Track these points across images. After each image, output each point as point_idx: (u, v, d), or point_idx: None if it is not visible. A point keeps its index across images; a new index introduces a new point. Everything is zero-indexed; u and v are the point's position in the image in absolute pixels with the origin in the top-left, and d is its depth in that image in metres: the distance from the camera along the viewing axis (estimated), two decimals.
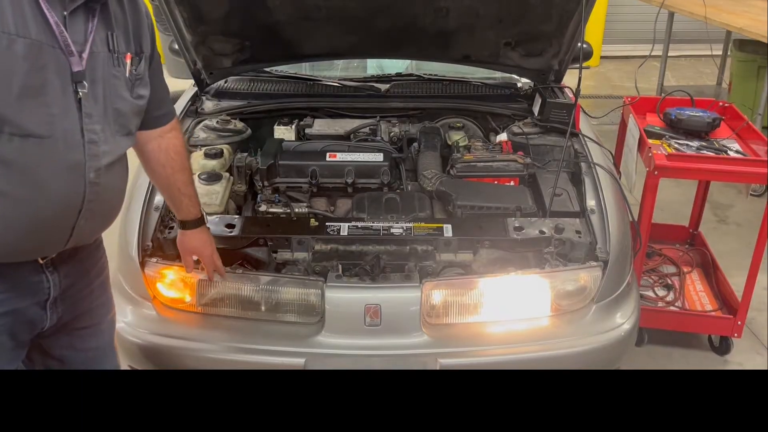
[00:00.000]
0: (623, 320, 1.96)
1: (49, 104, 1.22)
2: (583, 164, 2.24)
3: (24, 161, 1.21)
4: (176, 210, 1.75)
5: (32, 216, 1.26)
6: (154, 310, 1.91)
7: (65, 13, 1.23)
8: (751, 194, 3.85)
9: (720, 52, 5.15)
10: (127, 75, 1.37)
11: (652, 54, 3.71)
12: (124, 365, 2.02)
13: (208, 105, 2.64)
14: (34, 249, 1.33)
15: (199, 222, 1.77)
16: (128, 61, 1.36)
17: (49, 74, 1.21)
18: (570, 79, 2.70)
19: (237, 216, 2.08)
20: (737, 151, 2.44)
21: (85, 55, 1.26)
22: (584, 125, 2.48)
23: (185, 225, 1.76)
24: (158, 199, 2.04)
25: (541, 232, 1.99)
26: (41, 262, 1.37)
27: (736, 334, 2.51)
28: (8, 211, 1.23)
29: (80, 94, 1.26)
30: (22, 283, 1.34)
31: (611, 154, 2.49)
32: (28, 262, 1.34)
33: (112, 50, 1.33)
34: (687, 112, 2.57)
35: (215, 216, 2.03)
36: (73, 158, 1.27)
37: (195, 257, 1.80)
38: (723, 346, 2.61)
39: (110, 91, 1.33)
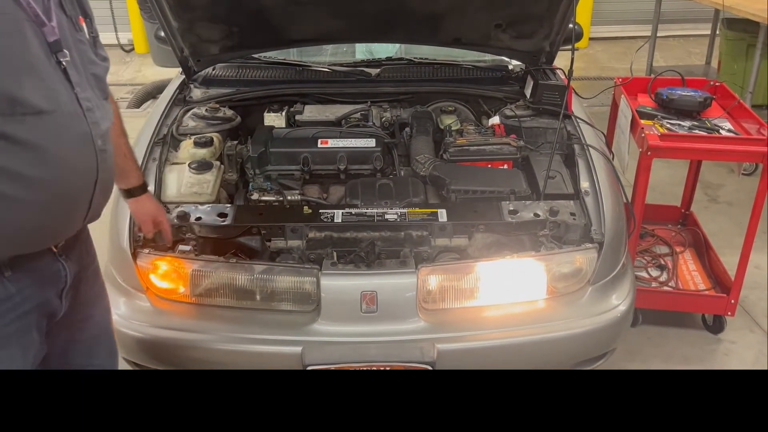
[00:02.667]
0: (619, 301, 1.97)
1: (45, 78, 1.18)
2: (576, 146, 2.24)
3: (39, 139, 1.16)
4: (125, 177, 1.70)
5: (56, 194, 1.22)
6: (148, 301, 1.90)
7: None
8: (742, 174, 3.86)
9: (708, 32, 5.15)
10: (87, 38, 1.33)
11: (641, 36, 3.70)
12: (119, 358, 2.01)
13: (197, 93, 2.61)
14: (57, 231, 1.29)
15: (146, 186, 1.77)
16: (83, 25, 1.32)
17: (34, 48, 1.17)
18: (560, 60, 2.68)
19: (229, 205, 2.06)
20: (729, 130, 2.44)
21: (54, 24, 1.22)
22: (576, 107, 2.46)
23: (136, 191, 1.73)
24: (149, 189, 2.01)
25: (536, 215, 1.98)
26: (55, 250, 1.33)
27: (729, 313, 2.52)
28: (32, 195, 1.18)
29: (63, 63, 1.22)
30: (44, 273, 1.31)
31: (603, 135, 2.48)
32: (45, 251, 1.30)
33: (69, 15, 1.28)
34: (678, 92, 2.56)
35: (207, 205, 2.00)
36: (81, 129, 1.24)
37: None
38: (716, 325, 2.63)
39: (83, 57, 1.30)
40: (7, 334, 1.26)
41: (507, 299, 1.92)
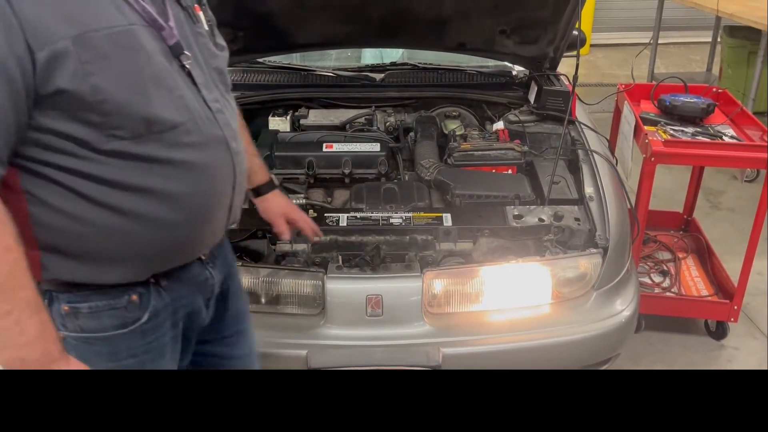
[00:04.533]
0: (623, 307, 1.97)
1: (171, 87, 1.10)
2: (580, 151, 2.24)
3: (179, 154, 1.11)
4: (252, 175, 1.56)
5: (201, 205, 1.17)
6: None
7: None
8: (745, 180, 3.87)
9: (709, 39, 5.17)
10: (206, 28, 1.23)
11: (642, 42, 3.73)
12: None
13: None
14: (205, 241, 1.24)
15: (273, 182, 1.66)
16: (199, 14, 1.22)
17: (156, 57, 1.08)
18: (563, 67, 2.69)
19: None
20: (732, 137, 2.45)
21: (172, 23, 1.12)
22: (580, 113, 2.47)
23: (264, 188, 1.63)
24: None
25: (541, 219, 1.99)
26: (203, 258, 1.29)
27: (732, 319, 2.53)
28: (178, 210, 1.14)
29: (187, 66, 1.13)
30: (195, 282, 1.27)
31: (607, 140, 2.49)
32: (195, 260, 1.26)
33: (185, 7, 1.19)
34: (681, 99, 2.57)
35: None
36: (215, 134, 1.17)
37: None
38: (719, 331, 2.63)
39: (204, 52, 1.20)
40: (164, 343, 1.24)
41: (512, 304, 1.92)
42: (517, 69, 2.82)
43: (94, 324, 1.15)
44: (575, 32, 2.38)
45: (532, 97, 2.54)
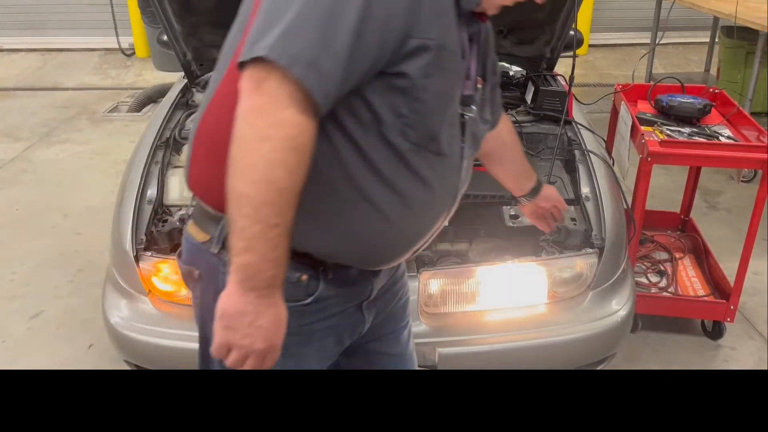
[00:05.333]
0: (619, 307, 1.97)
1: (452, 126, 1.20)
2: (576, 152, 2.25)
3: (430, 175, 1.17)
4: (528, 177, 1.68)
5: (419, 224, 1.23)
6: (150, 304, 1.90)
7: (464, 34, 1.18)
8: (741, 180, 3.88)
9: (707, 39, 5.17)
10: (484, 98, 1.33)
11: (640, 42, 3.73)
12: (119, 360, 2.01)
13: (199, 97, 2.62)
14: (403, 255, 1.28)
15: (540, 182, 1.74)
16: (480, 86, 1.31)
17: (457, 97, 1.20)
18: (560, 67, 2.70)
19: None
20: (728, 137, 2.45)
21: (472, 80, 1.23)
22: (577, 113, 2.48)
23: (538, 185, 1.71)
24: (151, 192, 2.02)
25: None
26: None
27: (728, 319, 2.53)
28: (407, 217, 1.19)
29: (466, 117, 1.23)
30: (355, 285, 1.28)
31: (604, 141, 2.49)
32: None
33: (480, 75, 1.29)
34: (678, 99, 2.57)
35: None
36: (454, 180, 1.25)
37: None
38: (716, 331, 2.63)
39: (476, 117, 1.29)
40: (312, 331, 1.24)
41: (508, 304, 1.93)
42: (514, 69, 2.83)
43: None
44: (572, 32, 2.39)
45: (528, 98, 2.54)
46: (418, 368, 1.76)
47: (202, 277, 1.22)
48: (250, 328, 1.04)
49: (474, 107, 1.24)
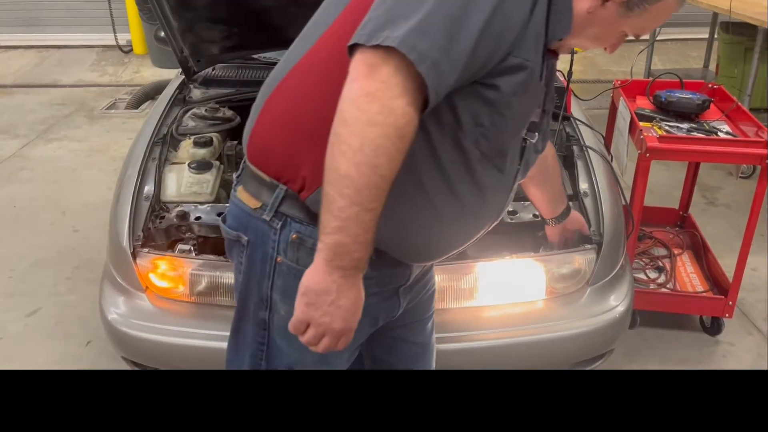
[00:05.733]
0: (617, 302, 1.97)
1: (516, 147, 1.24)
2: (575, 147, 2.24)
3: (486, 187, 1.21)
4: (561, 200, 1.76)
5: (471, 231, 1.28)
6: (147, 300, 1.90)
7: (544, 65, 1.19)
8: (740, 176, 3.88)
9: (706, 35, 5.16)
10: (544, 128, 1.37)
11: (640, 38, 3.70)
12: (117, 357, 2.01)
13: (196, 93, 2.61)
14: (447, 253, 1.31)
15: (569, 207, 1.83)
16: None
17: (530, 119, 1.23)
18: (560, 63, 2.68)
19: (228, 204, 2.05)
20: (727, 133, 2.45)
21: (542, 106, 1.26)
22: (575, 109, 2.47)
23: (567, 209, 1.79)
24: (148, 188, 2.02)
25: (535, 216, 1.99)
26: None
27: (727, 315, 2.53)
28: (460, 220, 1.23)
29: (527, 143, 1.26)
30: (396, 269, 1.29)
31: (602, 137, 2.49)
32: None
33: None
34: (677, 95, 2.57)
35: (207, 205, 2.01)
36: (503, 197, 1.29)
37: None
38: (714, 327, 2.63)
39: (535, 143, 1.33)
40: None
41: (506, 300, 1.92)
42: None
43: (310, 260, 1.14)
44: None
45: None
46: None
47: (250, 244, 1.23)
48: (331, 306, 1.07)
49: (537, 134, 1.27)
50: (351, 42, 1.00)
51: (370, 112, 0.97)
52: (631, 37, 1.24)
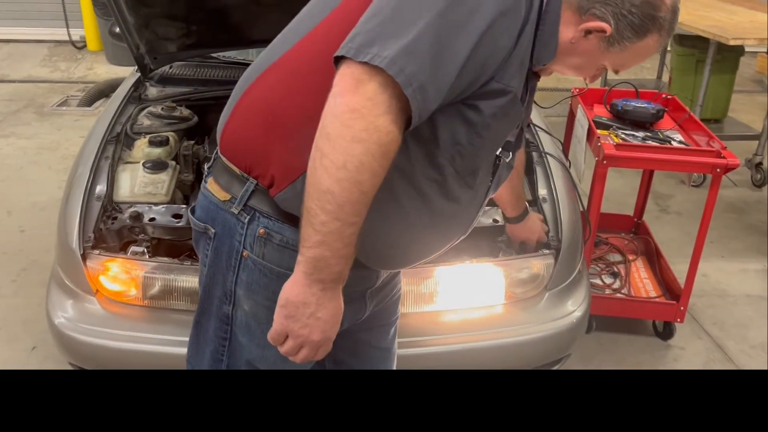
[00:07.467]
0: (575, 307, 1.99)
1: (488, 167, 1.25)
2: (534, 153, 2.26)
3: (458, 202, 1.22)
4: (520, 201, 1.85)
5: (441, 243, 1.29)
6: (97, 304, 1.83)
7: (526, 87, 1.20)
8: (692, 185, 3.99)
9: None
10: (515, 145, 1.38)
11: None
12: (64, 363, 1.93)
13: (152, 91, 2.55)
14: (417, 261, 1.31)
15: (527, 209, 1.92)
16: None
17: (505, 139, 1.25)
18: None
19: (184, 206, 2.01)
20: (680, 142, 2.51)
21: (518, 130, 1.28)
22: (535, 115, 2.49)
23: (524, 212, 1.88)
24: (100, 188, 1.95)
25: (495, 220, 2.00)
26: None
27: (678, 320, 2.59)
28: (438, 240, 1.26)
29: (500, 161, 1.27)
30: (362, 272, 1.27)
31: (561, 143, 2.52)
32: None
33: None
34: (633, 104, 2.63)
35: (161, 206, 1.95)
36: (472, 213, 1.29)
37: None
38: (666, 332, 2.69)
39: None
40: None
41: (465, 304, 1.92)
42: None
43: (276, 257, 1.17)
44: None
45: None
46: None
47: (217, 236, 1.22)
48: (310, 319, 1.07)
49: (511, 153, 1.29)
50: (338, 53, 0.99)
51: (354, 128, 0.96)
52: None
